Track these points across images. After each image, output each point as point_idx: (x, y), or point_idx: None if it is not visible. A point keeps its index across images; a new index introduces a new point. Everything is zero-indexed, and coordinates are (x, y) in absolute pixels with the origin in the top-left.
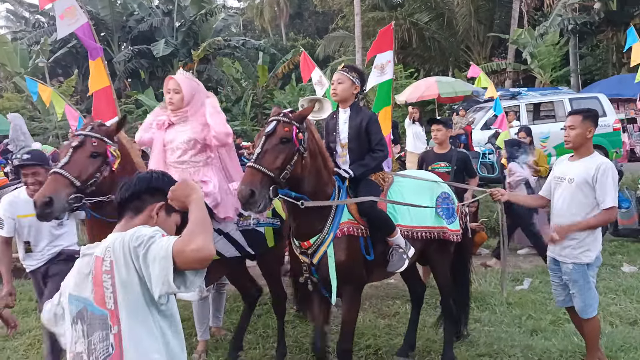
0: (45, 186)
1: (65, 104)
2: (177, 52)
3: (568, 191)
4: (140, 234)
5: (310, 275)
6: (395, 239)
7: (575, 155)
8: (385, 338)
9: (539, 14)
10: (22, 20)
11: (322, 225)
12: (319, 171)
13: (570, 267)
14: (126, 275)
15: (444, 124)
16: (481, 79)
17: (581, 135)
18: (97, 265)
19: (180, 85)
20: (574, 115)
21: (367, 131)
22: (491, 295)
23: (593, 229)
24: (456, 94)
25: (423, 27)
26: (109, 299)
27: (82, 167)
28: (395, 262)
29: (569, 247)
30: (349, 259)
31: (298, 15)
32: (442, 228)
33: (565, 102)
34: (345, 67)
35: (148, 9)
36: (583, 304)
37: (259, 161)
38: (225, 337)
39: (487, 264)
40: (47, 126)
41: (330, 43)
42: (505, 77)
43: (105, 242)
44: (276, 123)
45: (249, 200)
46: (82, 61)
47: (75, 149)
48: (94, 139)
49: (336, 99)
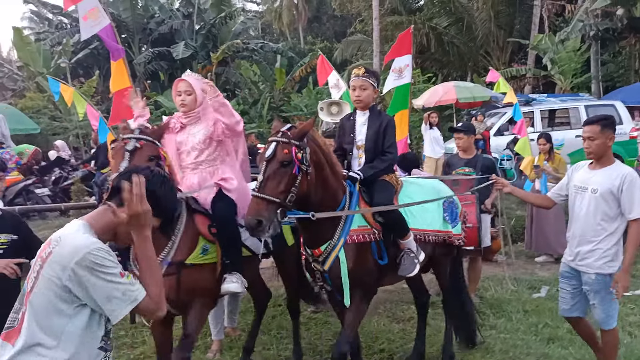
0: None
1: (87, 104)
2: (196, 55)
3: (592, 201)
4: (102, 260)
5: (324, 283)
6: (408, 242)
7: (595, 163)
8: (400, 342)
9: (560, 20)
10: (45, 21)
11: (333, 232)
12: (326, 181)
13: (592, 277)
14: (54, 277)
15: (465, 131)
16: (500, 84)
17: (603, 145)
18: (44, 246)
19: (192, 86)
20: (592, 125)
21: (384, 133)
22: (507, 302)
23: (636, 249)
24: (474, 99)
25: (442, 31)
26: (30, 282)
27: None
28: (406, 266)
29: (592, 258)
30: (358, 265)
31: (316, 19)
32: (448, 232)
33: (581, 109)
34: (366, 72)
35: (169, 12)
36: (605, 315)
37: (262, 189)
38: (239, 337)
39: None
40: (67, 126)
41: (348, 47)
42: (524, 83)
43: (66, 228)
44: (275, 145)
45: (257, 229)
46: (103, 62)
47: (132, 153)
48: (144, 141)
49: (360, 105)
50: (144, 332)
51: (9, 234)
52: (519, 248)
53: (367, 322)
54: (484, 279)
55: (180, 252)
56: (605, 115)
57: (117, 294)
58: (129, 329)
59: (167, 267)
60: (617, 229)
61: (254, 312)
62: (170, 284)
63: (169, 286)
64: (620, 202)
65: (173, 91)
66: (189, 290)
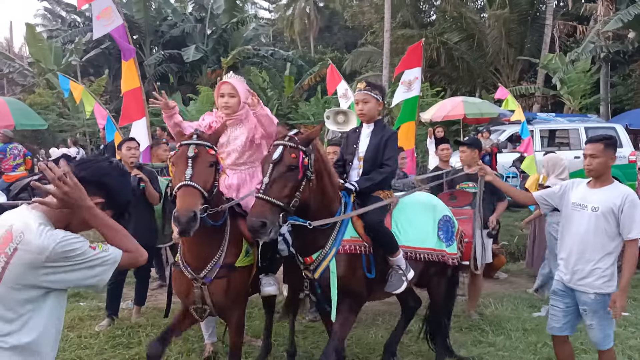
0: (183, 200)
1: (95, 102)
2: (207, 59)
3: (593, 219)
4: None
5: (312, 291)
6: (397, 259)
7: (594, 182)
8: (398, 355)
9: (571, 40)
10: (58, 19)
11: (325, 241)
12: (324, 189)
13: (592, 297)
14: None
15: (469, 145)
16: (509, 101)
17: (604, 164)
18: (7, 238)
19: (236, 88)
20: (595, 143)
21: (385, 146)
22: (507, 320)
23: (634, 268)
24: (482, 115)
25: (452, 46)
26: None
27: (206, 177)
28: (394, 282)
29: (592, 277)
30: (348, 276)
31: (328, 28)
32: (442, 251)
33: (581, 130)
34: (368, 85)
35: (181, 15)
36: (603, 335)
37: (267, 192)
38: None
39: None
40: (75, 123)
41: (358, 58)
42: (533, 102)
43: (26, 220)
44: (283, 149)
45: (259, 231)
46: (113, 62)
47: (194, 159)
48: (209, 147)
49: (364, 119)
50: (140, 332)
51: None
52: (520, 266)
53: (365, 333)
54: (484, 295)
55: (230, 255)
56: (608, 135)
57: (96, 265)
58: (125, 329)
59: (219, 270)
60: (615, 248)
61: (251, 317)
62: (221, 286)
63: (220, 288)
64: (620, 221)
65: (216, 92)
66: (236, 292)
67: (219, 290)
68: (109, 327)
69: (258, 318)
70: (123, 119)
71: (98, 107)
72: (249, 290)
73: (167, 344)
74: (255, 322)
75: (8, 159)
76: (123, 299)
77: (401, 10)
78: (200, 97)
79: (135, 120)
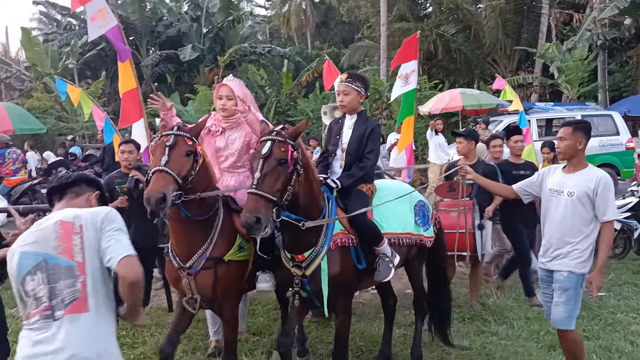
0: (155, 183)
1: (93, 104)
2: (204, 58)
3: (569, 204)
4: (112, 217)
5: (301, 288)
6: (382, 248)
7: (569, 166)
8: (400, 347)
9: (567, 29)
10: (53, 22)
11: (317, 238)
12: (311, 184)
13: (565, 274)
14: (94, 238)
15: (466, 136)
16: (506, 92)
17: (571, 147)
18: (65, 227)
19: (233, 91)
20: (565, 126)
21: (367, 139)
22: (509, 309)
23: (610, 249)
24: (480, 107)
25: (449, 38)
26: (77, 254)
27: (181, 164)
28: (382, 271)
29: (569, 257)
30: (342, 270)
31: (324, 24)
32: (420, 235)
33: (578, 118)
34: (349, 77)
35: (177, 15)
36: (567, 315)
37: (260, 186)
38: (247, 339)
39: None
40: (74, 126)
41: (356, 53)
42: (531, 91)
43: (68, 212)
44: (271, 143)
45: (254, 227)
46: (110, 64)
47: (170, 148)
48: (187, 138)
49: (345, 110)
50: (144, 333)
51: None
52: None
53: (369, 327)
54: (487, 286)
55: (218, 248)
56: (581, 120)
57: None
58: (130, 329)
59: (205, 261)
60: (592, 231)
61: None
62: (207, 278)
63: (206, 280)
64: (595, 204)
65: (214, 94)
66: (223, 287)
67: (205, 282)
68: None
69: (261, 315)
70: (122, 121)
71: (96, 110)
72: (242, 286)
73: (176, 342)
74: (259, 319)
75: (7, 164)
76: None
77: (397, 3)
78: (199, 96)
79: (134, 121)
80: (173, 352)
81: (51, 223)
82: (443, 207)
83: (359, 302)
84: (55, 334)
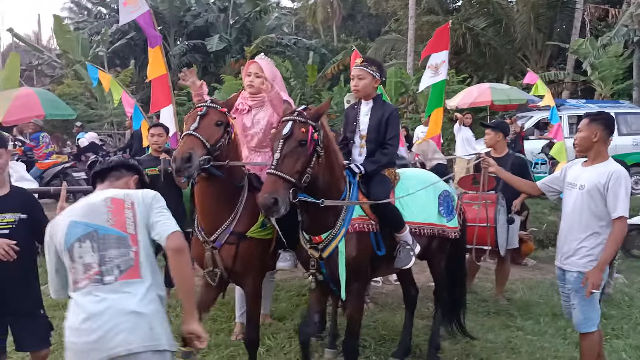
0: (183, 145)
1: (123, 91)
2: (230, 48)
3: (579, 199)
4: (159, 198)
5: (317, 270)
6: (403, 235)
7: (588, 160)
8: (424, 338)
9: (602, 24)
10: (84, 10)
11: (335, 220)
12: (332, 167)
13: (574, 275)
14: (145, 214)
15: (494, 127)
16: (538, 86)
17: (586, 139)
18: (116, 203)
19: (262, 69)
20: (584, 118)
21: (386, 124)
22: (536, 305)
23: (617, 248)
24: (510, 102)
25: (479, 32)
26: (130, 226)
27: (210, 132)
28: (402, 258)
29: (576, 256)
30: (359, 255)
31: (351, 17)
32: (443, 226)
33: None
34: (364, 61)
35: (205, 5)
36: (583, 317)
37: (279, 167)
38: (270, 324)
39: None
40: (102, 113)
41: (382, 46)
42: (562, 88)
43: (116, 191)
44: (292, 124)
45: (272, 208)
46: (139, 53)
47: (202, 117)
48: (219, 109)
49: (359, 95)
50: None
51: (17, 212)
52: (549, 253)
53: (392, 316)
54: (513, 281)
55: (242, 224)
56: (600, 112)
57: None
58: None
59: (229, 236)
60: (603, 228)
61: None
62: (230, 252)
63: (228, 254)
64: (606, 199)
65: (243, 72)
66: (245, 262)
67: (229, 255)
68: None
69: (284, 300)
70: (153, 107)
71: (125, 96)
72: (266, 263)
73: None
74: (282, 304)
75: (41, 147)
76: None
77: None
78: (225, 86)
79: (163, 107)
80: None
81: (100, 199)
82: (466, 199)
83: (381, 292)
84: (105, 298)
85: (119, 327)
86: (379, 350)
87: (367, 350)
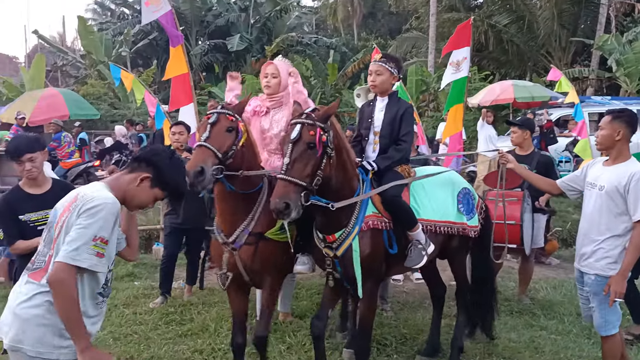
0: (194, 158)
1: (145, 90)
2: (251, 48)
3: (598, 199)
4: (94, 212)
5: (333, 269)
6: (416, 234)
7: (609, 159)
8: (445, 337)
9: (628, 20)
10: (107, 12)
11: (348, 219)
12: (344, 166)
13: (592, 278)
14: (69, 223)
15: (520, 125)
16: (562, 83)
17: (608, 137)
18: (71, 201)
19: (278, 69)
20: (606, 115)
21: (400, 120)
22: (560, 304)
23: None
24: (533, 99)
25: (501, 29)
26: (57, 229)
27: (222, 140)
28: (413, 257)
29: (594, 258)
30: (372, 253)
31: (371, 15)
32: (463, 224)
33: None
34: (383, 57)
35: (226, 5)
36: (602, 320)
37: (289, 172)
38: (291, 322)
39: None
40: (125, 112)
41: (403, 44)
42: (587, 85)
43: (84, 189)
44: (300, 127)
45: (284, 212)
46: (161, 53)
47: (212, 125)
48: (229, 115)
49: (375, 90)
50: (192, 310)
51: None
52: (573, 252)
53: (413, 315)
54: (536, 280)
55: (261, 225)
56: (622, 109)
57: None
58: (178, 307)
59: (248, 236)
60: (624, 230)
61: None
62: (249, 253)
63: (247, 254)
64: (627, 201)
65: (261, 73)
66: (263, 262)
67: (248, 256)
68: (162, 305)
69: (305, 299)
70: (172, 104)
71: (148, 96)
72: (284, 265)
73: (244, 330)
74: (303, 302)
75: (63, 147)
76: (175, 279)
77: None
78: (245, 86)
79: (183, 105)
80: (244, 342)
81: (74, 194)
82: (491, 196)
83: (402, 291)
84: (16, 288)
85: (6, 319)
86: (400, 349)
87: (389, 349)
